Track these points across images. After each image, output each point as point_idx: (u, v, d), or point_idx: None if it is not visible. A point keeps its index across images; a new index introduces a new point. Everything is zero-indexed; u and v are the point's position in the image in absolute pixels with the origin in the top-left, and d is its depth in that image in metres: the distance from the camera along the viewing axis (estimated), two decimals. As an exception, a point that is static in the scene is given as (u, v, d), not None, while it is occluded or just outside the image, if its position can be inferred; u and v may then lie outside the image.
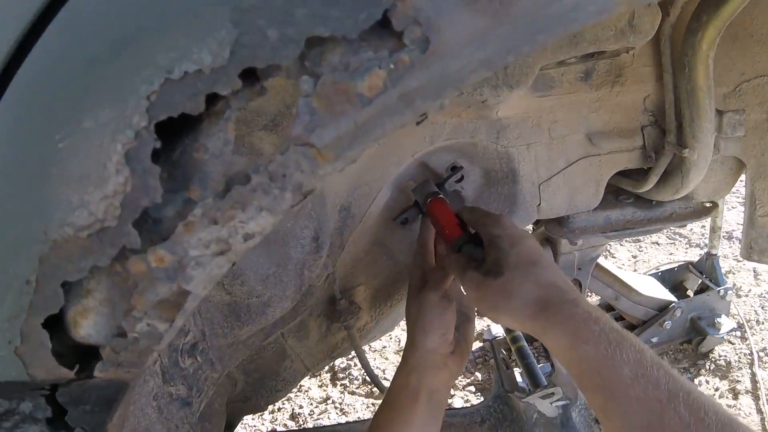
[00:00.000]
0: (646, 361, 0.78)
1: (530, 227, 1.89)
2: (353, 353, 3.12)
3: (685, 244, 3.83)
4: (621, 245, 3.84)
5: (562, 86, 1.30)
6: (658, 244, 3.85)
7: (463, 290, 1.23)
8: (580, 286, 1.85)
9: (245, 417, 1.96)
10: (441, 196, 1.29)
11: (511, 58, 0.45)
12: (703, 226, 3.85)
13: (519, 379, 2.52)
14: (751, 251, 1.60)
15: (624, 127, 1.40)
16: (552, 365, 2.03)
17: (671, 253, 3.74)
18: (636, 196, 1.57)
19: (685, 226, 3.75)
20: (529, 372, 2.16)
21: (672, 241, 3.86)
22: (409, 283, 1.25)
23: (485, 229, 1.08)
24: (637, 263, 3.68)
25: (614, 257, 3.77)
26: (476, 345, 3.10)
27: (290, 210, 0.48)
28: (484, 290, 1.00)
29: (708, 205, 1.62)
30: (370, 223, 1.34)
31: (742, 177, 1.56)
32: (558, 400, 1.82)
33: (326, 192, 1.15)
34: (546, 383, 2.01)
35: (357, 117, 0.44)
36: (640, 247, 3.83)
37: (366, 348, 3.14)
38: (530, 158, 1.37)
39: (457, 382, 2.88)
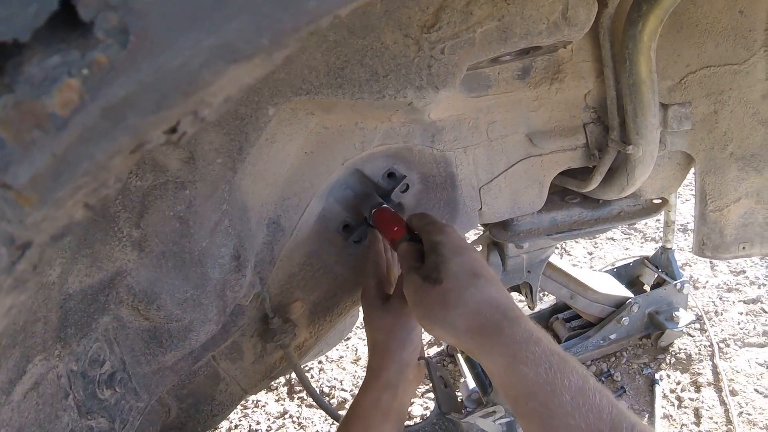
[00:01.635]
0: (588, 388, 0.73)
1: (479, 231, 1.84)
2: (320, 365, 3.11)
3: (641, 238, 3.83)
4: (576, 242, 3.83)
5: (499, 85, 1.25)
6: (614, 240, 3.84)
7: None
8: (531, 289, 1.81)
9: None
10: (385, 205, 1.25)
11: (266, 42, 0.35)
12: (657, 220, 3.85)
13: (470, 386, 2.49)
14: (703, 248, 1.57)
15: (565, 125, 1.35)
16: (491, 383, 1.98)
17: (627, 249, 3.74)
18: (582, 195, 1.53)
19: (635, 224, 3.75)
20: (480, 383, 2.11)
21: (627, 236, 3.86)
22: (365, 294, 1.21)
23: (428, 236, 1.05)
24: (593, 260, 3.67)
25: (570, 255, 3.75)
26: (436, 349, 3.05)
27: (15, 268, 0.38)
28: (421, 295, 0.95)
29: (657, 201, 1.58)
30: (303, 236, 1.28)
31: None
32: (501, 417, 1.77)
33: (249, 205, 1.07)
34: (486, 396, 1.96)
35: (53, 146, 0.34)
36: (596, 243, 3.82)
37: (323, 358, 3.08)
38: (469, 161, 1.31)
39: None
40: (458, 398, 2.44)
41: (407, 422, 2.59)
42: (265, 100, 0.94)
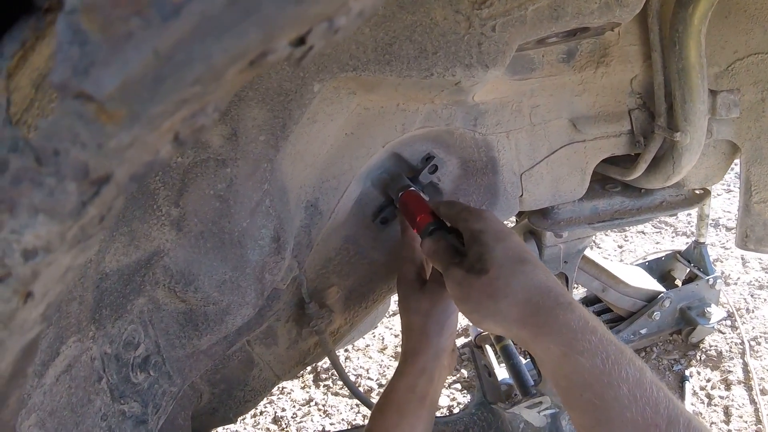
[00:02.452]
0: (646, 381, 0.70)
1: (512, 219, 1.80)
2: (346, 353, 3.10)
3: (672, 232, 3.77)
4: (606, 235, 3.78)
5: (543, 68, 1.21)
6: (644, 234, 3.79)
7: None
8: (567, 280, 1.77)
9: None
10: (413, 188, 1.20)
11: None
12: (688, 214, 3.79)
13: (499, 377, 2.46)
14: (746, 240, 1.52)
15: (610, 110, 1.32)
16: (539, 372, 1.94)
17: (658, 242, 3.68)
18: (624, 184, 1.49)
19: (675, 215, 3.69)
20: (516, 374, 2.08)
21: (658, 230, 3.80)
22: (402, 278, 1.18)
23: (466, 224, 0.98)
24: (624, 253, 3.61)
25: (600, 248, 3.70)
26: (463, 340, 3.03)
27: (85, 212, 0.31)
28: (467, 289, 0.90)
29: (699, 192, 1.54)
30: (340, 220, 1.25)
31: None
32: (546, 408, 1.74)
33: (288, 186, 1.05)
34: (533, 386, 1.93)
35: (157, 41, 0.25)
36: (626, 236, 3.76)
37: (349, 347, 3.06)
38: (510, 146, 1.28)
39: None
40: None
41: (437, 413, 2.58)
42: (311, 76, 0.91)
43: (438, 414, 2.31)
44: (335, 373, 2.93)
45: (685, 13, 1.08)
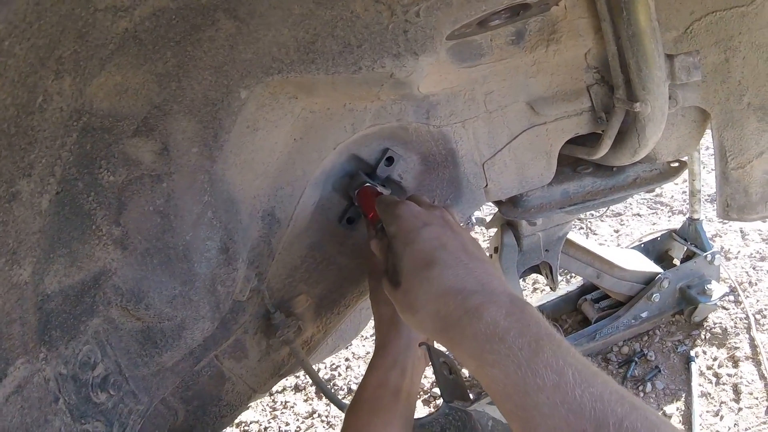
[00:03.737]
0: (567, 383, 0.65)
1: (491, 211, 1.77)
2: (347, 362, 3.06)
3: (668, 212, 3.73)
4: (602, 221, 3.75)
5: (493, 53, 1.18)
6: (640, 216, 3.75)
7: None
8: (551, 269, 1.74)
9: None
10: (369, 184, 1.19)
11: None
12: (684, 192, 3.76)
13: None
14: (728, 209, 1.48)
15: (567, 89, 1.29)
16: None
17: (654, 223, 3.64)
18: (596, 165, 1.46)
19: (653, 191, 3.65)
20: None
21: (654, 211, 3.77)
22: (372, 271, 1.18)
23: (387, 228, 0.96)
24: (620, 237, 3.58)
25: (596, 234, 3.67)
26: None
27: None
28: (393, 299, 0.89)
29: (675, 164, 1.50)
30: (302, 227, 1.23)
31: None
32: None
33: (237, 197, 1.03)
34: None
35: None
36: (622, 220, 3.73)
37: (349, 355, 3.04)
38: (468, 136, 1.25)
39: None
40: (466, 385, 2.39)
41: (420, 414, 2.56)
42: (235, 83, 0.89)
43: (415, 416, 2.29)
44: (336, 383, 2.91)
45: None
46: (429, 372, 2.66)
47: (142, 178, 0.88)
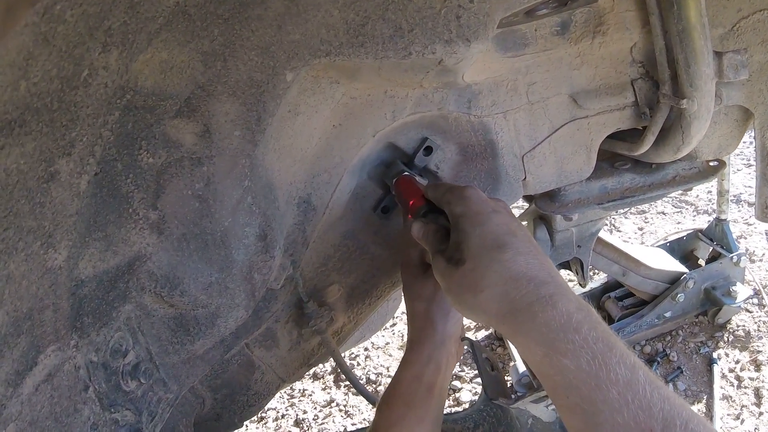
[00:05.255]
0: (638, 381, 0.64)
1: (521, 204, 1.74)
2: (366, 352, 3.05)
3: (693, 211, 3.70)
4: (626, 218, 3.71)
5: (537, 43, 1.16)
6: (665, 214, 3.71)
7: None
8: (581, 265, 1.71)
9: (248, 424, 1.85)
10: (407, 173, 1.16)
11: None
12: (709, 192, 3.71)
13: (520, 370, 2.40)
14: (767, 211, 1.45)
15: (611, 82, 1.26)
16: None
17: (679, 222, 3.61)
18: (634, 160, 1.43)
19: (690, 190, 3.62)
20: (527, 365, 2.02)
21: (678, 210, 3.73)
22: (405, 264, 1.15)
23: (449, 207, 0.93)
24: (644, 235, 3.55)
25: (619, 231, 3.64)
26: (484, 332, 2.98)
27: None
28: (448, 280, 0.85)
29: (714, 164, 1.47)
30: (337, 215, 1.21)
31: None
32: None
33: (275, 183, 1.00)
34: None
35: None
36: (646, 218, 3.70)
37: (368, 345, 3.04)
38: (509, 127, 1.23)
39: (464, 374, 2.77)
40: (507, 383, 2.36)
41: (455, 408, 2.54)
42: (282, 65, 0.86)
43: (450, 410, 2.27)
44: (355, 372, 2.90)
45: None
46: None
47: (182, 161, 0.86)
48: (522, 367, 2.40)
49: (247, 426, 2.74)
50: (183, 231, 0.89)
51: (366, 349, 3.04)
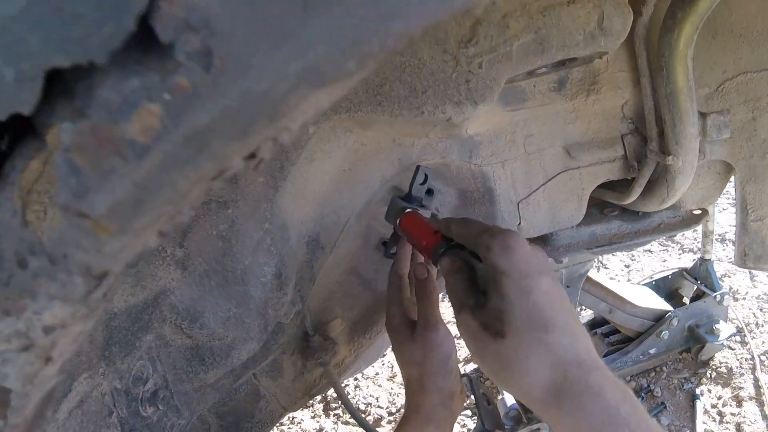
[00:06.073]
0: None
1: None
2: (355, 382, 3.10)
3: (678, 249, 3.77)
4: (613, 255, 3.78)
5: (535, 98, 1.24)
6: (651, 252, 3.79)
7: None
8: (571, 304, 1.78)
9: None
10: (410, 209, 1.14)
11: (352, 64, 0.32)
12: (695, 231, 3.79)
13: (508, 403, 2.45)
14: (745, 258, 1.54)
15: (603, 136, 1.34)
16: None
17: (664, 260, 3.68)
18: (622, 207, 1.51)
19: (675, 235, 3.71)
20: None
21: (664, 248, 3.81)
22: (389, 325, 1.13)
23: (488, 255, 0.80)
24: (631, 273, 3.62)
25: (607, 268, 3.71)
26: (473, 365, 3.02)
27: (90, 297, 0.37)
28: (481, 348, 0.78)
29: (698, 212, 1.55)
30: (342, 253, 1.28)
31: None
32: (546, 434, 1.73)
33: (289, 223, 1.08)
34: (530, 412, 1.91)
35: (134, 174, 0.33)
36: (633, 256, 3.77)
37: (358, 375, 3.07)
38: (506, 176, 1.31)
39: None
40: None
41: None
42: None
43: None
44: (344, 402, 2.93)
45: (670, 37, 1.10)
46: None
47: (209, 204, 0.93)
48: (510, 401, 2.45)
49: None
50: (206, 267, 0.96)
51: (356, 379, 3.08)
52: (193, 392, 1.07)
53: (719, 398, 2.65)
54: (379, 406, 2.86)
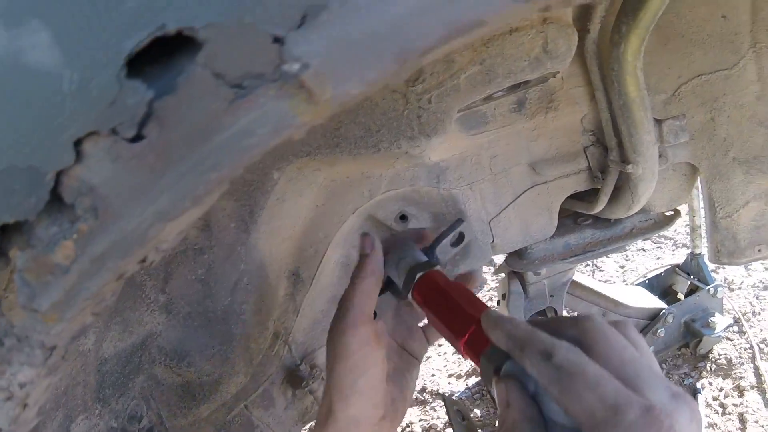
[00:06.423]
0: None
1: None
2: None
3: (672, 246, 3.81)
4: (607, 257, 3.81)
5: (496, 120, 1.29)
6: (645, 251, 3.83)
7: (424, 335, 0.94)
8: (555, 312, 1.83)
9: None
10: (438, 268, 0.89)
11: (189, 204, 0.46)
12: (686, 225, 3.82)
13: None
14: (718, 255, 1.58)
15: (566, 150, 1.39)
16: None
17: (658, 258, 3.71)
18: (594, 216, 1.55)
19: (649, 238, 3.73)
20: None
21: (658, 245, 3.84)
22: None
23: (570, 401, 0.56)
24: (626, 273, 3.65)
25: (601, 270, 3.74)
26: (462, 386, 2.97)
27: (48, 362, 0.53)
28: None
29: (669, 214, 1.60)
30: (325, 283, 1.33)
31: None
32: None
33: (266, 261, 1.13)
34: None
35: (63, 284, 0.48)
36: (627, 256, 3.80)
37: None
38: (475, 197, 1.36)
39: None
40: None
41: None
42: (270, 166, 1.01)
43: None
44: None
45: (618, 51, 1.13)
46: (441, 413, 2.73)
47: (186, 252, 1.00)
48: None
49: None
50: (188, 310, 1.03)
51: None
52: (188, 426, 1.14)
53: (720, 390, 2.67)
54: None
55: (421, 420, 2.79)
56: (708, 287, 2.76)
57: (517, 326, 0.65)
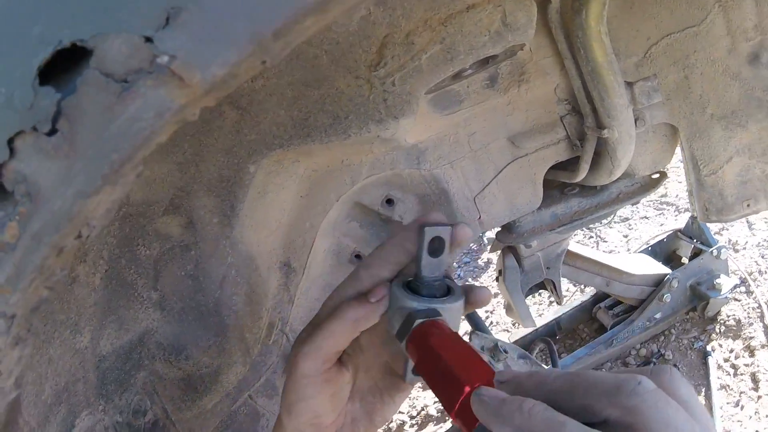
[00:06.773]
0: None
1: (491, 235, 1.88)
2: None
3: (674, 211, 3.81)
4: (610, 227, 3.83)
5: (470, 98, 1.31)
6: (647, 218, 3.83)
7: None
8: (554, 284, 1.85)
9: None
10: (440, 318, 0.72)
11: (101, 182, 0.52)
12: (687, 190, 3.83)
13: None
14: (707, 213, 1.59)
15: (543, 122, 1.41)
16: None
17: (662, 224, 3.72)
18: (580, 185, 1.57)
19: (638, 202, 3.71)
20: None
21: (660, 212, 3.85)
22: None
23: None
24: (630, 242, 3.66)
25: (605, 241, 3.76)
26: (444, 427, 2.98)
27: (11, 330, 0.56)
28: None
29: (655, 176, 1.62)
30: (317, 272, 1.36)
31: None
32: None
33: (255, 254, 1.16)
34: None
35: (12, 259, 0.52)
36: (630, 225, 3.81)
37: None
38: (457, 175, 1.38)
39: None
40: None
41: None
42: (244, 161, 1.04)
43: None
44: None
45: (580, 18, 1.16)
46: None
47: (173, 249, 1.03)
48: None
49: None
50: (181, 305, 1.07)
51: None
52: (194, 419, 1.17)
53: (731, 351, 2.68)
54: (399, 411, 2.88)
55: (435, 402, 2.82)
56: (711, 249, 2.76)
57: (512, 414, 0.51)
